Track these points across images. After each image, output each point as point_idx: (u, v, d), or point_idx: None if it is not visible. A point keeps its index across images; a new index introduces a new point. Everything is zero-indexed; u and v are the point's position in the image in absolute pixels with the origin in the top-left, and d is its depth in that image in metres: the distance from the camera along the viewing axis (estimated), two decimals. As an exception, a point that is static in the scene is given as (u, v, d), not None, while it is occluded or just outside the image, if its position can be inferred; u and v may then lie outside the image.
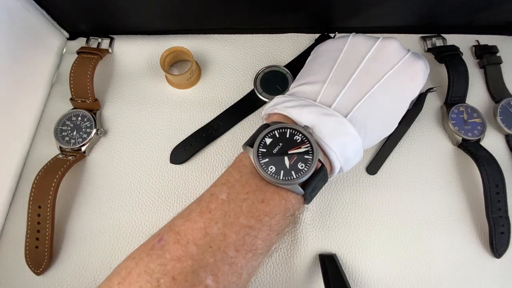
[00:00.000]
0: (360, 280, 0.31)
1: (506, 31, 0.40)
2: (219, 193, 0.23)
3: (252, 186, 0.23)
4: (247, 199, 0.22)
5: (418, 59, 0.27)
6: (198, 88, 0.38)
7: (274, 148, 0.24)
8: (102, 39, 0.40)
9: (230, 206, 0.22)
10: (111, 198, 0.34)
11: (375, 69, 0.26)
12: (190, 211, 0.23)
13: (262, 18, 0.39)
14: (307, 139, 0.23)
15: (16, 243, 0.32)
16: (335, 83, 0.26)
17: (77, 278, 0.32)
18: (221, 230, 0.21)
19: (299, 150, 0.23)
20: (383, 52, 0.27)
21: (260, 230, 0.22)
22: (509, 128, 0.35)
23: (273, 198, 0.23)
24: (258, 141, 0.24)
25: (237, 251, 0.21)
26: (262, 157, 0.23)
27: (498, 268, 0.32)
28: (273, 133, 0.24)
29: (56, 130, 0.35)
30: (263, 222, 0.22)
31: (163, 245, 0.21)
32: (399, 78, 0.26)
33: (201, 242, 0.21)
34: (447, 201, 0.34)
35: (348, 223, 0.33)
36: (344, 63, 0.27)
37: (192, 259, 0.20)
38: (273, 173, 0.23)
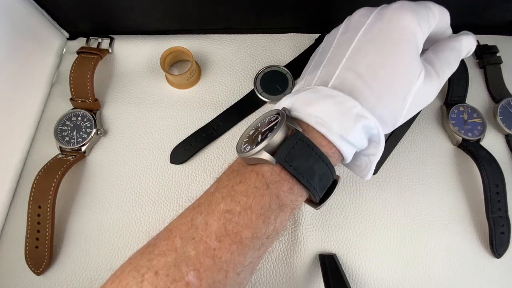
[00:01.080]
0: (360, 280, 0.31)
1: (506, 31, 0.40)
2: (210, 187, 0.24)
3: (233, 173, 0.23)
4: (227, 185, 0.22)
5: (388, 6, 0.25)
6: (198, 88, 0.38)
7: (254, 134, 0.24)
8: (102, 39, 0.40)
9: (214, 195, 0.22)
10: (111, 198, 0.34)
11: (345, 39, 0.25)
12: (186, 209, 0.23)
13: (262, 18, 0.39)
14: (279, 117, 0.23)
15: (16, 243, 0.32)
16: (313, 70, 0.27)
17: (77, 278, 0.32)
18: (204, 220, 0.21)
19: (270, 125, 0.23)
20: (350, 24, 0.26)
21: (240, 214, 0.21)
22: (509, 128, 0.35)
23: (249, 177, 0.22)
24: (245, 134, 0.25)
25: (219, 241, 0.20)
26: (244, 143, 0.24)
27: (498, 268, 0.32)
28: (257, 125, 0.25)
29: (56, 130, 0.35)
30: (241, 203, 0.21)
31: (156, 243, 0.21)
32: (373, 32, 0.24)
33: (185, 235, 0.20)
34: (447, 201, 0.34)
35: (348, 223, 0.33)
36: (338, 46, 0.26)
37: (176, 252, 0.20)
38: (247, 150, 0.22)
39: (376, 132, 0.23)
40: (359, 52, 0.24)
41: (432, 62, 0.26)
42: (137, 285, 0.18)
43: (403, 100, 0.24)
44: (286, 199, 0.22)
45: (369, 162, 0.25)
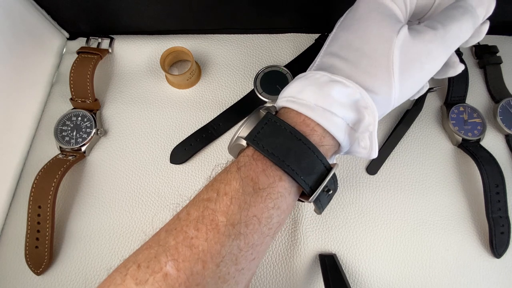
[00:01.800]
0: (360, 280, 0.31)
1: (506, 31, 0.40)
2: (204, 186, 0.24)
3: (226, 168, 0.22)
4: (216, 178, 0.22)
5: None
6: (198, 88, 0.38)
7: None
8: (102, 39, 0.40)
9: (201, 190, 0.22)
10: (111, 198, 0.34)
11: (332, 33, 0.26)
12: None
13: (262, 18, 0.39)
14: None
15: (16, 243, 0.32)
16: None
17: (77, 278, 0.32)
18: (187, 210, 0.21)
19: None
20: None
21: (217, 201, 0.20)
22: (509, 128, 0.35)
23: (231, 166, 0.22)
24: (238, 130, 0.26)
25: (197, 229, 0.19)
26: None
27: (498, 268, 0.32)
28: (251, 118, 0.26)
29: (56, 130, 0.35)
30: (219, 190, 0.21)
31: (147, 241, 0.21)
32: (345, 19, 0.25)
33: (170, 227, 0.20)
34: (447, 201, 0.34)
35: (348, 223, 0.33)
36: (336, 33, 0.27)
37: (158, 244, 0.19)
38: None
39: (359, 96, 0.21)
40: (334, 38, 0.25)
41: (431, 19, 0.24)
42: (121, 279, 0.18)
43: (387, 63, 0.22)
44: (261, 183, 0.21)
45: (370, 135, 0.22)
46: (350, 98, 0.22)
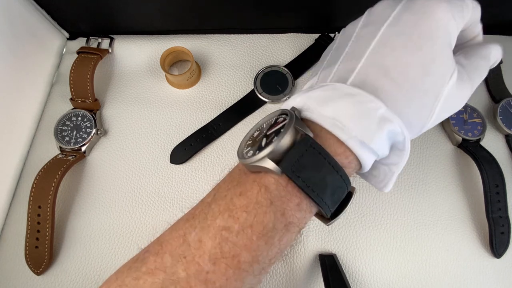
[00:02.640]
0: (360, 280, 0.31)
1: (506, 31, 0.40)
2: (207, 197, 0.21)
3: (233, 181, 0.20)
4: (226, 196, 0.19)
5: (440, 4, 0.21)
6: (198, 88, 0.38)
7: (258, 136, 0.21)
8: (102, 39, 0.40)
9: (210, 207, 0.19)
10: (111, 198, 0.34)
11: (367, 32, 0.22)
12: (180, 219, 0.21)
13: (262, 18, 0.39)
14: (288, 117, 0.20)
15: (16, 243, 0.32)
16: (328, 66, 0.23)
17: (77, 278, 0.32)
18: (198, 236, 0.18)
19: (276, 127, 0.20)
20: (371, 16, 0.23)
21: (238, 234, 0.18)
22: (509, 128, 0.35)
23: (251, 188, 0.19)
24: (247, 136, 0.22)
25: (213, 263, 0.17)
26: (246, 147, 0.21)
27: (498, 268, 0.32)
28: (262, 126, 0.22)
29: (56, 130, 0.35)
30: (240, 220, 0.18)
31: (145, 257, 0.19)
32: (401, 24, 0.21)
33: (176, 252, 0.18)
34: (447, 201, 0.34)
35: (348, 223, 0.33)
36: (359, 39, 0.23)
37: (164, 272, 0.17)
38: (249, 155, 0.19)
39: (402, 139, 0.20)
40: (385, 45, 0.21)
41: (463, 65, 0.23)
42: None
43: (433, 102, 0.21)
44: (293, 217, 0.19)
45: (390, 173, 0.22)
46: (394, 138, 0.20)
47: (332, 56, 0.25)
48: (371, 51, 0.21)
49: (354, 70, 0.21)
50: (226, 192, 0.19)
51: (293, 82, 0.37)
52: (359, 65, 0.21)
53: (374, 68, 0.20)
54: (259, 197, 0.18)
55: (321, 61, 0.27)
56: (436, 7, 0.20)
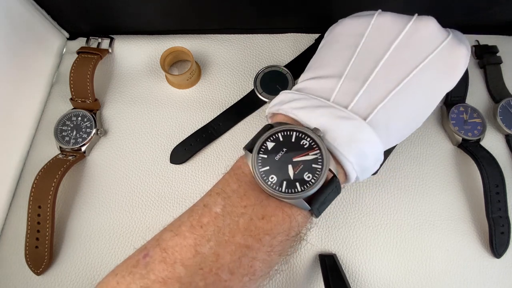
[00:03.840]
0: (360, 280, 0.31)
1: (506, 31, 0.40)
2: (213, 205, 0.20)
3: (251, 199, 0.20)
4: (244, 214, 0.19)
5: (459, 44, 0.22)
6: (198, 88, 0.38)
7: (277, 154, 0.20)
8: (102, 39, 0.40)
9: (225, 222, 0.19)
10: (111, 198, 0.34)
11: (404, 60, 0.22)
12: (181, 223, 0.20)
13: (262, 18, 0.39)
14: (316, 145, 0.20)
15: (16, 243, 0.32)
16: (354, 78, 0.22)
17: (77, 278, 0.32)
18: (214, 250, 0.18)
19: (306, 157, 0.20)
20: (416, 37, 0.22)
21: (259, 251, 0.19)
22: (509, 128, 0.35)
23: (275, 214, 0.20)
24: (258, 145, 0.20)
25: (231, 273, 0.18)
26: (262, 164, 0.20)
27: (498, 268, 0.32)
28: (276, 136, 0.21)
29: (56, 130, 0.35)
30: (262, 241, 0.19)
31: (147, 262, 0.18)
32: (434, 69, 0.22)
33: (190, 263, 0.18)
34: (447, 201, 0.34)
35: (348, 223, 0.33)
36: (365, 52, 0.22)
37: (180, 283, 0.17)
38: (274, 184, 0.20)
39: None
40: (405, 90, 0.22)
41: None
42: None
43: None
44: (303, 234, 0.22)
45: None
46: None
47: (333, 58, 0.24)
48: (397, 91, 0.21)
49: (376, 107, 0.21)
50: (243, 209, 0.20)
51: (293, 82, 0.37)
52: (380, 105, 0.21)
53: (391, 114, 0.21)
54: (284, 226, 0.20)
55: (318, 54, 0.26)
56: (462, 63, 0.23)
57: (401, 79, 0.21)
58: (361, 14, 0.25)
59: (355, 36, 0.23)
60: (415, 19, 0.23)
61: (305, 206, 0.20)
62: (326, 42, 0.26)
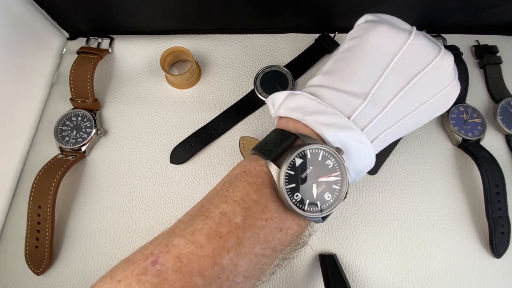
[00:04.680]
0: (360, 280, 0.31)
1: (506, 31, 0.40)
2: (233, 214, 0.19)
3: (272, 212, 0.20)
4: (265, 227, 0.20)
5: (457, 86, 0.25)
6: (198, 88, 0.38)
7: (303, 171, 0.20)
8: (102, 39, 0.40)
9: (246, 234, 0.19)
10: (111, 198, 0.34)
11: (418, 95, 0.23)
12: (194, 230, 0.19)
13: (262, 18, 0.39)
14: (339, 167, 0.21)
15: (16, 243, 0.32)
16: (375, 103, 0.22)
17: (77, 278, 0.32)
18: (233, 260, 0.19)
19: (329, 178, 0.21)
20: (435, 73, 0.23)
21: (271, 257, 0.21)
22: (509, 128, 0.35)
23: (291, 227, 0.21)
24: (288, 161, 0.20)
25: (245, 277, 0.19)
26: (289, 181, 0.20)
27: (498, 268, 0.32)
28: (304, 153, 0.20)
29: (56, 130, 0.35)
30: (276, 250, 0.21)
31: (159, 271, 0.17)
32: (435, 103, 0.24)
33: (208, 273, 0.18)
34: (447, 201, 0.34)
35: (348, 223, 0.33)
36: (392, 75, 0.22)
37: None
38: (298, 202, 0.20)
39: None
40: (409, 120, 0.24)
41: None
42: None
43: None
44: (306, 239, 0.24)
45: None
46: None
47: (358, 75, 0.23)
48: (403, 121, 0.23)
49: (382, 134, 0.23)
50: (264, 222, 0.20)
51: (293, 82, 0.37)
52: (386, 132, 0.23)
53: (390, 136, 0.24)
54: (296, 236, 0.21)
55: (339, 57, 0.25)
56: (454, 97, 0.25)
57: (410, 111, 0.23)
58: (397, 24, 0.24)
59: (388, 54, 0.23)
60: (442, 54, 0.23)
61: (320, 221, 0.21)
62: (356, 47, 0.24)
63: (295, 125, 0.23)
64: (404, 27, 0.23)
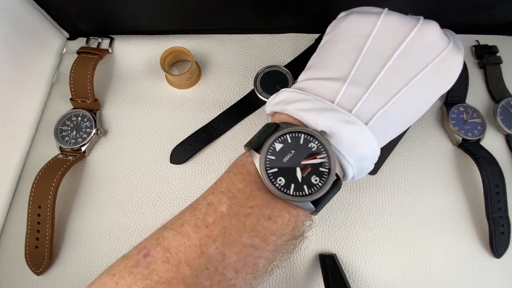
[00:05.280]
0: (360, 280, 0.31)
1: (506, 31, 0.40)
2: (218, 204, 0.20)
3: (257, 200, 0.20)
4: (251, 215, 0.19)
5: (458, 52, 0.23)
6: (198, 88, 0.38)
7: (285, 155, 0.20)
8: (102, 39, 0.40)
9: (231, 222, 0.19)
10: (111, 198, 0.34)
11: (407, 67, 0.22)
12: (183, 222, 0.19)
13: (262, 18, 0.39)
14: (324, 148, 0.20)
15: (16, 243, 0.32)
16: (358, 82, 0.22)
17: (77, 278, 0.32)
18: (220, 250, 0.18)
19: (314, 161, 0.20)
20: (420, 43, 0.22)
21: (264, 250, 0.19)
22: (509, 128, 0.35)
23: (281, 215, 0.20)
24: (267, 146, 0.20)
25: (236, 272, 0.19)
26: (271, 166, 0.20)
27: (498, 268, 0.32)
28: (284, 137, 0.21)
29: (56, 130, 0.35)
30: (268, 241, 0.19)
31: (149, 262, 0.18)
32: (433, 76, 0.22)
33: (195, 263, 0.18)
34: (447, 201, 0.34)
35: (348, 223, 0.33)
36: (370, 55, 0.22)
37: (185, 283, 0.17)
38: (282, 186, 0.20)
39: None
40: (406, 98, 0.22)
41: None
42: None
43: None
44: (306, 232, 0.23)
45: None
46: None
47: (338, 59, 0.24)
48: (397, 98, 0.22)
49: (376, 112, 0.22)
50: (249, 209, 0.20)
51: (293, 82, 0.37)
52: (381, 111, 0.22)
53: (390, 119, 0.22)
54: (290, 226, 0.20)
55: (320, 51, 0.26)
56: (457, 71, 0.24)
57: (402, 86, 0.22)
58: (367, 10, 0.25)
59: (361, 37, 0.23)
60: (421, 24, 0.22)
61: (311, 208, 0.20)
62: (330, 39, 0.25)
63: (279, 117, 0.23)
64: (375, 11, 0.24)
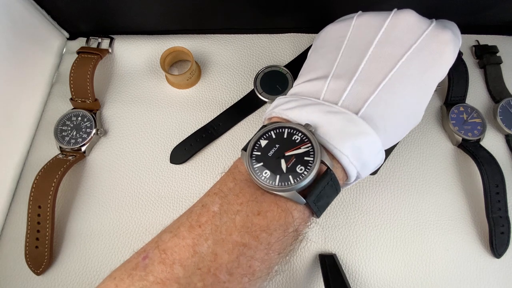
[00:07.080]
0: (360, 280, 0.31)
1: (506, 31, 0.40)
2: (211, 204, 0.20)
3: (246, 196, 0.20)
4: (240, 211, 0.19)
5: (443, 30, 0.23)
6: (198, 88, 0.38)
7: (270, 150, 0.21)
8: (102, 39, 0.40)
9: (222, 220, 0.19)
10: (111, 198, 0.34)
11: (388, 53, 0.22)
12: (180, 224, 0.20)
13: (262, 18, 0.39)
14: (308, 138, 0.20)
15: (16, 243, 0.32)
16: (341, 76, 0.22)
17: (77, 278, 0.32)
18: (211, 249, 0.18)
19: (298, 151, 0.20)
20: (396, 30, 0.23)
21: (257, 249, 0.19)
22: (509, 128, 0.35)
23: (270, 209, 0.20)
24: (252, 143, 0.21)
25: (230, 274, 0.18)
26: (256, 161, 0.21)
27: (498, 268, 0.32)
28: (269, 134, 0.22)
29: (56, 130, 0.35)
30: (259, 239, 0.19)
31: (146, 264, 0.18)
32: (420, 58, 0.22)
33: (188, 263, 0.18)
34: (447, 201, 0.34)
35: (348, 223, 0.33)
36: (349, 51, 0.23)
37: (178, 283, 0.17)
38: (267, 178, 0.20)
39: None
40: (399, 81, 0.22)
41: None
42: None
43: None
44: (302, 232, 0.22)
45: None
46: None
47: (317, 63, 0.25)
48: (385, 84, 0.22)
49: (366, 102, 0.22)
50: (238, 206, 0.20)
51: (293, 82, 0.37)
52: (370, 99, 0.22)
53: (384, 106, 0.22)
54: (281, 221, 0.20)
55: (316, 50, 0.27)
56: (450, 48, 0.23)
57: (387, 72, 0.22)
58: (343, 18, 0.26)
59: (339, 38, 0.25)
60: (393, 14, 0.24)
61: (299, 199, 0.20)
62: (313, 48, 0.28)
63: (270, 121, 0.24)
64: (350, 16, 0.26)
